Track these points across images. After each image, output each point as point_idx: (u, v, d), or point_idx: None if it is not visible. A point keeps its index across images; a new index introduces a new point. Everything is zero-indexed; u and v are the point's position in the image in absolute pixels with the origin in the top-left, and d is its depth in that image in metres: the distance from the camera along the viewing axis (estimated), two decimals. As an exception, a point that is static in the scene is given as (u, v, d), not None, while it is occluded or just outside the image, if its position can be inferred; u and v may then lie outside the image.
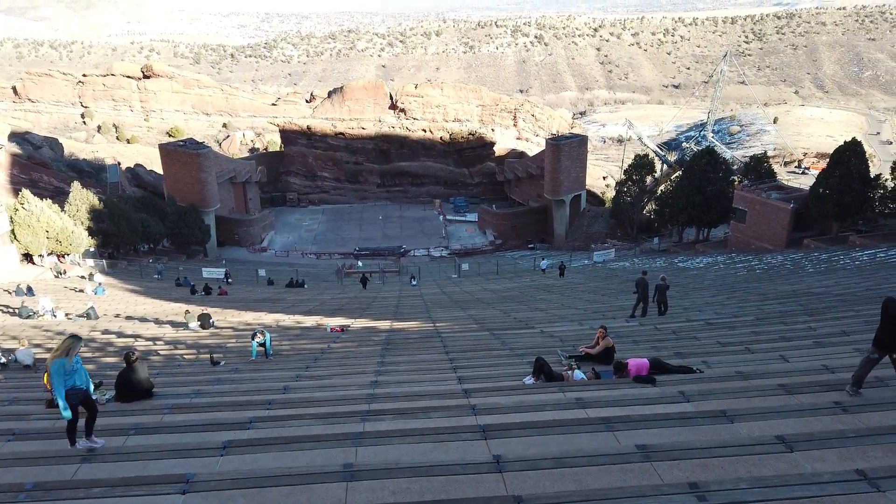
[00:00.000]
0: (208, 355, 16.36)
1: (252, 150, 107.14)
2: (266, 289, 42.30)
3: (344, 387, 12.32)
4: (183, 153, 64.77)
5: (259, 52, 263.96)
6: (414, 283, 42.81)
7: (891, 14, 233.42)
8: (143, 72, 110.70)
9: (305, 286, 42.41)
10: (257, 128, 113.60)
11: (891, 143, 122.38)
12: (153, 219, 56.11)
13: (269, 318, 25.27)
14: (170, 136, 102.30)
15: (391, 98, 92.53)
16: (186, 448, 7.52)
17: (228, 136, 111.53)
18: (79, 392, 7.94)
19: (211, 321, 22.30)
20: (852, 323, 15.64)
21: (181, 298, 32.41)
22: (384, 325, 22.87)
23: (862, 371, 8.33)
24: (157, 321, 23.91)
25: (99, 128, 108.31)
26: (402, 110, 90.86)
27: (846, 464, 6.08)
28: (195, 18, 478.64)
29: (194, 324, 22.11)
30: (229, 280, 43.47)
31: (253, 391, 12.12)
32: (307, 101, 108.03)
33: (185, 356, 17.68)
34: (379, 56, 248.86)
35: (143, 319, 24.53)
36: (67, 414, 7.77)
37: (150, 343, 19.64)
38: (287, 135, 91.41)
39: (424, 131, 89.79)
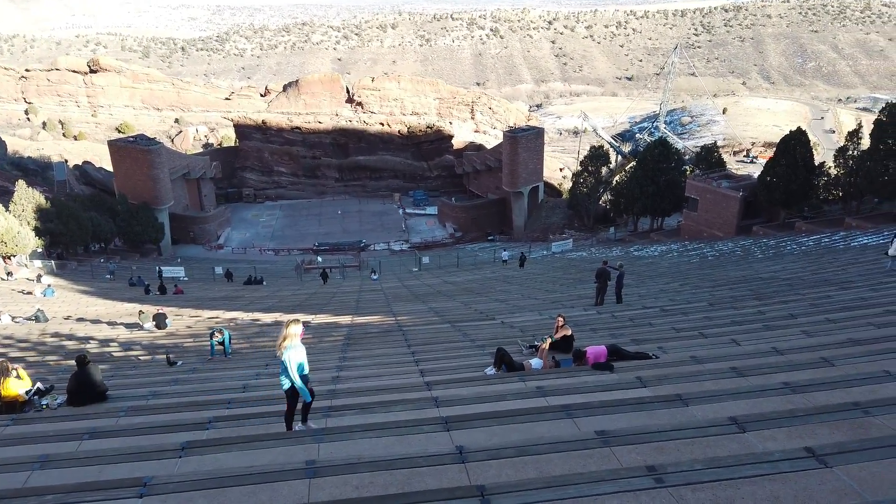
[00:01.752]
0: (165, 356, 16.01)
1: (206, 145, 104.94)
2: (224, 286, 41.54)
3: (305, 383, 12.20)
4: (133, 149, 62.97)
5: (211, 46, 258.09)
6: (374, 277, 42.65)
7: (832, 7, 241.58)
8: (89, 66, 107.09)
9: (264, 283, 41.83)
10: (211, 123, 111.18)
11: (833, 131, 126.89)
12: (104, 217, 54.49)
13: (227, 317, 24.86)
14: (119, 132, 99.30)
15: (348, 92, 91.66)
16: (143, 451, 7.36)
17: (181, 131, 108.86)
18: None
19: (167, 321, 21.82)
20: (798, 306, 16.21)
21: (135, 298, 31.59)
22: (345, 320, 22.74)
23: None
24: (111, 322, 23.26)
25: (44, 124, 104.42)
26: (360, 104, 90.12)
27: (795, 442, 6.30)
28: (143, 11, 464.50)
29: (149, 324, 21.60)
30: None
31: (212, 391, 11.93)
32: (262, 95, 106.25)
33: (140, 357, 17.27)
34: (334, 49, 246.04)
35: (95, 321, 23.83)
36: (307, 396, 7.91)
37: (104, 345, 19.11)
38: (242, 129, 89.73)
39: (382, 125, 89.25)
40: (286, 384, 7.92)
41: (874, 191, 41.30)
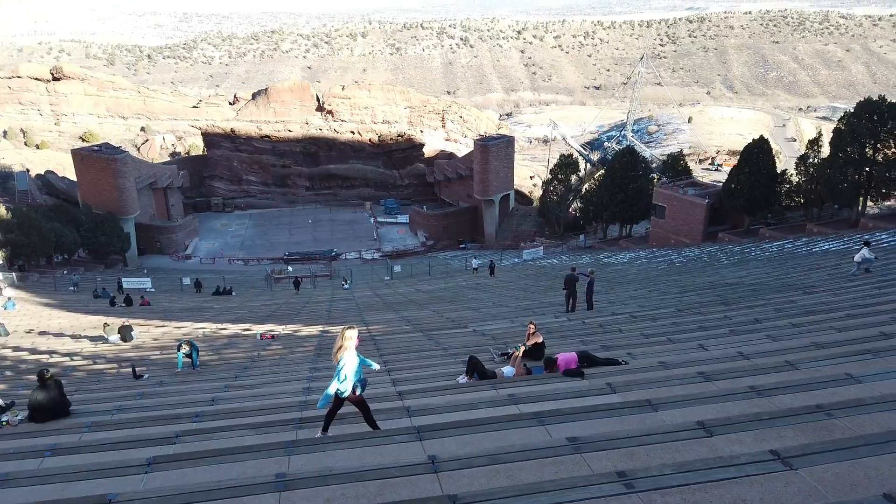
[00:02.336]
0: (130, 369, 15.67)
1: (173, 154, 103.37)
2: (192, 297, 40.89)
3: (275, 395, 12.07)
4: (98, 158, 61.75)
5: (178, 53, 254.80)
6: (346, 286, 42.40)
7: (792, 18, 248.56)
8: (52, 73, 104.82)
9: (233, 293, 41.29)
10: (178, 131, 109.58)
11: (795, 140, 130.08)
12: (67, 228, 53.27)
13: (195, 328, 24.45)
14: (83, 140, 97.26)
15: (318, 100, 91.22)
16: (108, 467, 7.19)
17: (147, 140, 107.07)
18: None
19: (132, 333, 21.38)
20: (763, 311, 16.55)
21: (100, 311, 30.90)
22: (316, 329, 22.55)
23: None
24: (74, 336, 22.71)
25: (5, 133, 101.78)
26: (330, 112, 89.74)
27: (761, 445, 6.42)
28: (107, 18, 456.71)
29: (114, 336, 21.14)
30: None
31: (179, 404, 11.71)
32: (230, 104, 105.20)
33: (105, 371, 16.88)
34: (304, 57, 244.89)
35: (58, 334, 23.23)
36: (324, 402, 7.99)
37: (67, 359, 18.64)
38: (210, 138, 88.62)
39: (353, 133, 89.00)
40: (346, 391, 7.98)
41: (834, 198, 42.47)
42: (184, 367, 15.70)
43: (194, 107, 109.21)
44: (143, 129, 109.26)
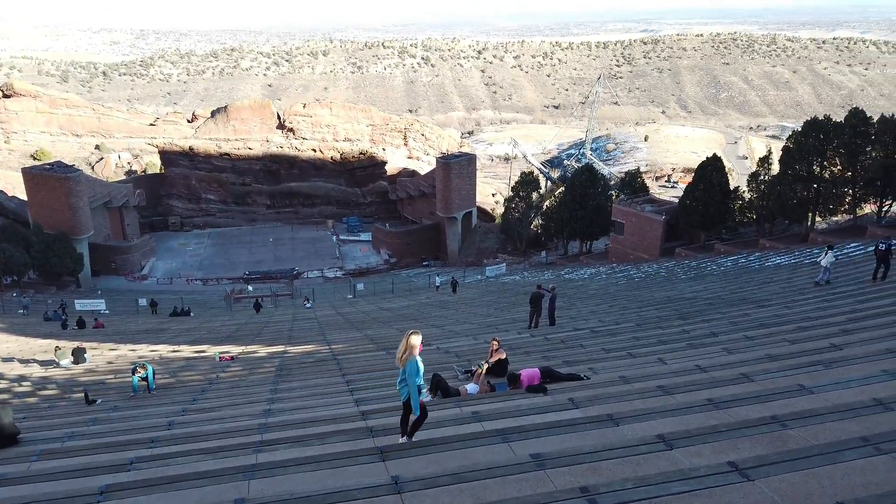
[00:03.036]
0: (83, 394, 15.15)
1: (129, 172, 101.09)
2: (148, 319, 39.86)
3: (234, 418, 11.81)
4: (50, 177, 59.97)
5: (134, 70, 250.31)
6: (308, 305, 41.89)
7: (742, 41, 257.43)
8: (2, 90, 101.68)
9: (191, 314, 40.41)
10: (134, 149, 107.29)
11: (746, 157, 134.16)
12: (16, 249, 51.49)
13: (151, 350, 23.82)
14: (35, 159, 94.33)
15: (279, 118, 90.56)
16: (58, 497, 6.92)
17: (102, 158, 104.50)
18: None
19: (85, 356, 20.70)
20: (720, 324, 16.94)
21: (51, 334, 29.87)
22: (277, 350, 22.19)
23: None
24: (24, 360, 21.88)
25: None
26: (291, 130, 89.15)
27: (720, 457, 6.54)
28: (61, 34, 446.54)
29: (66, 360, 20.44)
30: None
31: (134, 429, 11.36)
32: (189, 121, 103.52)
33: (56, 396, 16.28)
34: (265, 75, 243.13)
35: (6, 359, 22.35)
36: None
37: (15, 384, 17.92)
38: (168, 156, 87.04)
39: (314, 151, 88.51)
40: (404, 395, 7.94)
41: (784, 213, 43.90)
42: (139, 391, 15.26)
43: (151, 124, 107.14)
44: (97, 147, 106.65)
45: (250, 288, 57.08)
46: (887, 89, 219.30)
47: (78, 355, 20.50)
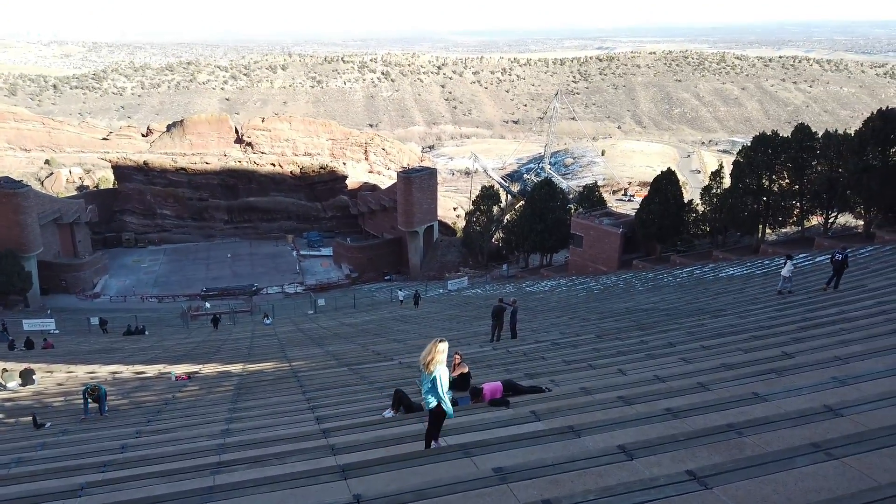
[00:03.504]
0: (31, 418, 14.56)
1: (81, 188, 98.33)
2: (100, 338, 38.64)
3: (191, 439, 11.51)
4: (-4, 193, 57.96)
5: (87, 84, 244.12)
6: (268, 321, 41.25)
7: (693, 59, 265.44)
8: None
9: (146, 333, 39.36)
10: (86, 164, 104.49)
11: (699, 171, 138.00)
12: (-42, 267, 49.47)
13: (103, 371, 23.07)
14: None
15: (237, 132, 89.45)
16: (3, 527, 6.62)
17: (52, 173, 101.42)
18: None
19: (34, 378, 19.93)
20: (677, 335, 17.28)
21: (-5, 356, 28.68)
22: (236, 368, 21.75)
23: None
24: (-35, 384, 20.91)
25: None
26: (249, 144, 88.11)
27: (678, 465, 6.63)
28: (9, 46, 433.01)
29: (13, 383, 19.64)
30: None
31: (85, 454, 10.96)
32: (144, 135, 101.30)
33: (1, 421, 15.61)
34: (222, 89, 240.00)
35: (-54, 383, 21.34)
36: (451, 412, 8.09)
37: (-44, 410, 17.12)
38: (121, 171, 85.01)
39: (274, 165, 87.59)
40: (432, 402, 7.95)
41: (736, 225, 45.18)
42: (90, 414, 14.76)
43: (104, 138, 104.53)
44: (47, 161, 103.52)
45: (208, 305, 55.95)
46: (830, 106, 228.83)
47: (26, 377, 19.74)
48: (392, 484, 6.94)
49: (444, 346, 7.98)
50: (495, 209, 69.69)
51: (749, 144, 44.73)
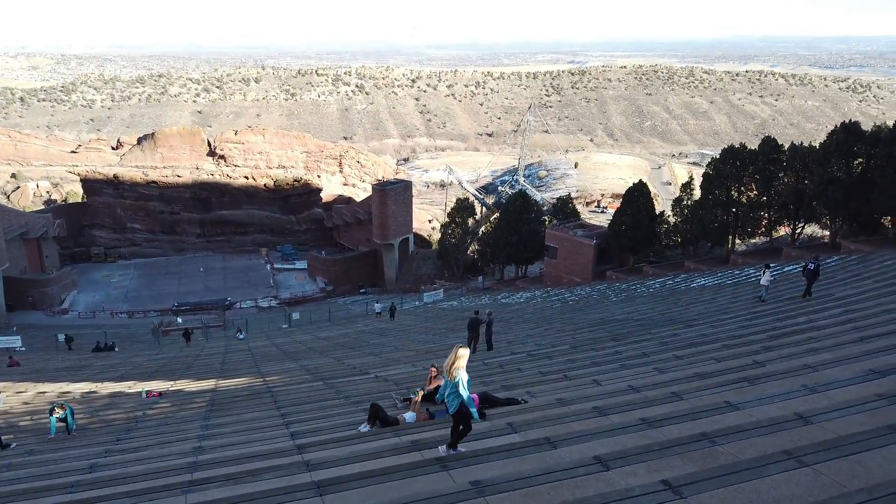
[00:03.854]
0: (-6, 439, 14.15)
1: (48, 202, 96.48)
2: (68, 355, 37.74)
3: (162, 457, 11.27)
4: (-42, 207, 56.51)
5: (55, 96, 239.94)
6: (241, 336, 40.69)
7: (662, 73, 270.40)
8: None
9: (116, 349, 38.56)
10: (54, 177, 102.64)
11: (669, 183, 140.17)
12: (-81, 284, 48.02)
13: (71, 389, 22.53)
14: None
15: (209, 145, 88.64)
16: (-35, 553, 6.40)
17: (19, 187, 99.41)
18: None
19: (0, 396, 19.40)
20: (650, 345, 17.45)
21: (-42, 375, 27.83)
22: (208, 384, 21.40)
23: None
24: (-75, 405, 20.25)
25: None
26: (222, 157, 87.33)
27: (653, 475, 6.69)
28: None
29: (-25, 403, 19.08)
30: None
31: (52, 474, 10.67)
32: (114, 148, 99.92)
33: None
34: (194, 102, 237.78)
35: None
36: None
37: (-84, 432, 16.55)
38: (91, 184, 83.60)
39: (247, 178, 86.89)
40: (455, 406, 8.08)
41: (706, 236, 45.93)
42: (58, 433, 14.39)
43: (73, 152, 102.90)
44: (14, 175, 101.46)
45: (179, 320, 55.05)
46: (795, 119, 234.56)
47: (-11, 397, 19.21)
48: (368, 500, 6.88)
49: (464, 352, 8.19)
50: (470, 221, 69.90)
51: (718, 157, 45.60)
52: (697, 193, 47.02)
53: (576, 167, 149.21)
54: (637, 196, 48.64)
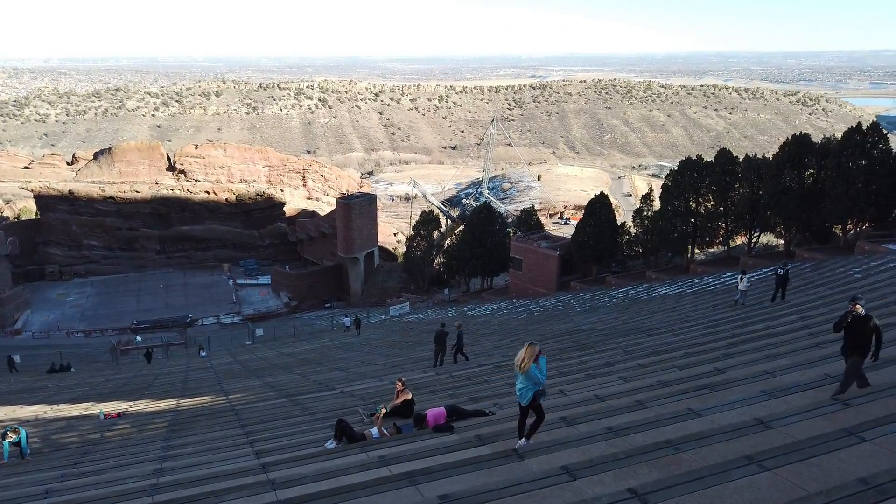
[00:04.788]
0: (-58, 466, 13.55)
1: (0, 219, 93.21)
2: (22, 377, 36.42)
3: (122, 480, 10.93)
4: None
5: (7, 111, 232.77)
6: (203, 354, 39.88)
7: (621, 87, 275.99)
8: None
9: (72, 370, 37.37)
10: (6, 194, 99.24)
11: (630, 195, 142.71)
12: None
13: (25, 412, 21.74)
14: None
15: (169, 159, 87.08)
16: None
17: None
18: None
19: (-56, 424, 18.56)
20: (614, 354, 17.68)
21: None
22: (169, 404, 20.89)
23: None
24: None
25: None
26: (182, 172, 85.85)
27: (620, 484, 6.75)
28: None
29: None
30: None
31: (6, 500, 10.26)
32: (69, 164, 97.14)
33: None
34: (153, 116, 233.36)
35: None
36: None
37: None
38: (45, 201, 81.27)
39: (208, 193, 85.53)
40: (527, 398, 8.53)
41: (667, 246, 46.88)
42: (11, 458, 13.85)
43: (26, 167, 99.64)
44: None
45: (139, 338, 53.71)
46: (749, 131, 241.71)
47: (-65, 423, 18.37)
48: (336, 517, 6.78)
49: (534, 349, 8.59)
50: (435, 234, 70.00)
51: (676, 169, 46.66)
52: (657, 204, 48.00)
53: (539, 179, 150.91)
54: (599, 207, 49.40)
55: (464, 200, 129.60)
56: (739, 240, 47.10)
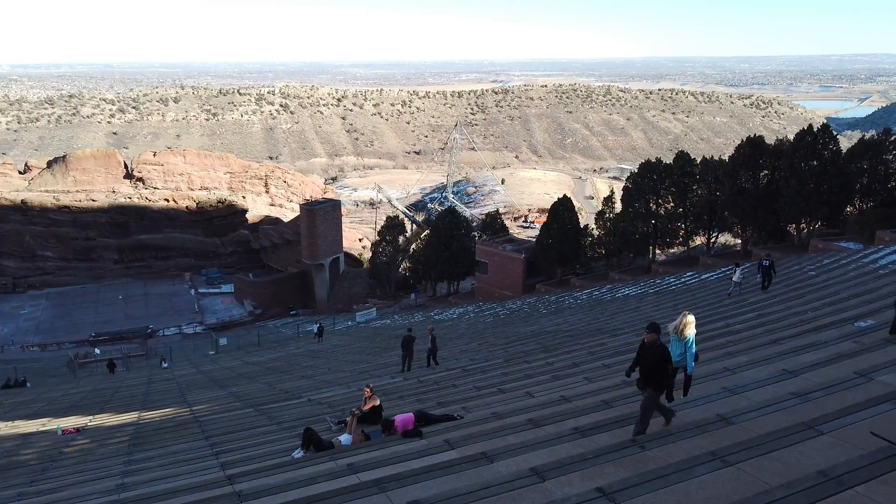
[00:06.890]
0: None
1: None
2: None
3: (83, 497, 10.63)
4: None
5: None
6: (165, 365, 39.02)
7: (581, 91, 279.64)
8: None
9: (28, 385, 36.20)
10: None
11: (592, 197, 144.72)
12: None
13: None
14: None
15: (126, 167, 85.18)
16: None
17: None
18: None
19: None
20: (580, 355, 17.88)
21: None
22: (130, 417, 20.39)
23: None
24: None
25: None
26: (141, 179, 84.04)
27: (588, 483, 6.84)
28: None
29: None
30: None
31: (-43, 525, 9.89)
32: (21, 173, 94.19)
33: None
34: (109, 123, 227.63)
35: None
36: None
37: None
38: (-6, 211, 78.56)
39: (167, 201, 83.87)
40: (690, 363, 9.02)
41: (629, 247, 47.65)
42: (-38, 480, 13.31)
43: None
44: None
45: (97, 351, 52.30)
46: (706, 134, 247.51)
47: None
48: (305, 527, 6.72)
49: (692, 318, 9.17)
50: (401, 239, 69.89)
51: (636, 171, 47.49)
52: (619, 207, 48.77)
53: (503, 183, 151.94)
54: (562, 210, 49.97)
55: (429, 205, 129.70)
56: (699, 240, 48.16)
